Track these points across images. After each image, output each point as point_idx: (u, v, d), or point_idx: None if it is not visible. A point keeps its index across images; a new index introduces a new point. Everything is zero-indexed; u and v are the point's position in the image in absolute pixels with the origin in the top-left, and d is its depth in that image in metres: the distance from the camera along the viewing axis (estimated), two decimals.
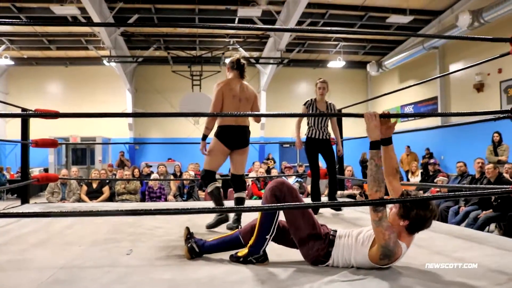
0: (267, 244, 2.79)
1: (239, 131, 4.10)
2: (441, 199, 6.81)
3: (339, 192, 6.80)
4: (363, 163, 14.87)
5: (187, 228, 3.11)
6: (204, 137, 4.16)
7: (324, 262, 2.67)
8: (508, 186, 3.56)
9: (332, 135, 5.59)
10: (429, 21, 14.32)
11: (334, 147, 5.59)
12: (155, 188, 8.39)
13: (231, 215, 4.20)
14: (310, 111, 5.41)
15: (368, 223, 2.63)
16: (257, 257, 2.78)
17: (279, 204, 2.73)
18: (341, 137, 6.48)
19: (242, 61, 4.28)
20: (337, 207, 5.11)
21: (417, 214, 2.45)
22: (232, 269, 2.69)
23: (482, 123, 4.05)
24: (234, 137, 4.10)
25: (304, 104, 5.45)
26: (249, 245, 2.82)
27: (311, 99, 5.50)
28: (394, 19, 12.80)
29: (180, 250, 3.10)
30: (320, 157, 5.50)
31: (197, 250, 2.92)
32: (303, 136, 5.47)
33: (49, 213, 2.87)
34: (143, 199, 8.51)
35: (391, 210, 2.62)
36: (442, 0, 13.23)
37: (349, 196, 6.85)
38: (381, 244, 2.44)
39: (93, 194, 8.20)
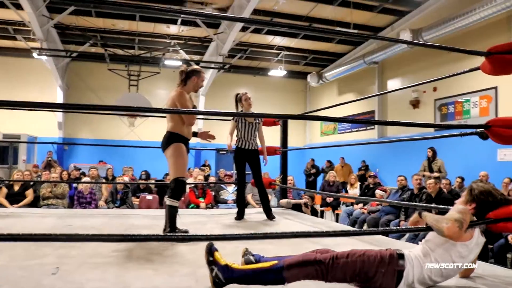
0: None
1: None
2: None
3: (285, 201, 6.63)
4: (307, 171, 14.88)
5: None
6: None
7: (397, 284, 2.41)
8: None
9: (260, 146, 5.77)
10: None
11: (261, 157, 5.70)
12: (85, 193, 7.78)
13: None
14: (240, 124, 5.51)
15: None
16: (222, 279, 2.42)
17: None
18: (286, 147, 6.52)
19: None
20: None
21: (481, 193, 2.59)
22: None
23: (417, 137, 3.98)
24: None
25: (233, 119, 5.57)
26: (231, 266, 2.42)
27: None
28: None
29: (117, 268, 2.71)
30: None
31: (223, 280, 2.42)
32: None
33: None
34: (71, 205, 7.87)
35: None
36: (383, 17, 13.55)
37: (296, 205, 6.62)
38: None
39: (15, 198, 7.46)
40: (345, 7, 12.48)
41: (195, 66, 4.36)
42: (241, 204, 5.51)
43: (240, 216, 5.39)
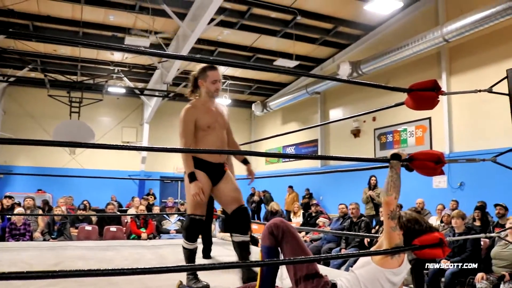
0: None
1: None
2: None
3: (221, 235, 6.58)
4: (252, 203, 14.90)
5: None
6: None
7: None
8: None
9: None
10: (313, 67, 15.12)
11: None
12: (18, 224, 7.43)
13: None
14: None
15: None
16: None
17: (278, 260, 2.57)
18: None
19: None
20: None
21: (408, 221, 2.66)
22: None
23: (359, 166, 4.16)
24: None
25: None
26: None
27: None
28: (281, 62, 13.25)
29: None
30: None
31: None
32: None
33: None
34: (3, 237, 7.49)
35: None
36: (325, 49, 14.08)
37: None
38: (396, 242, 2.53)
39: None
40: (288, 39, 12.86)
41: (202, 66, 3.67)
42: (208, 240, 4.84)
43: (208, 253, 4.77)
